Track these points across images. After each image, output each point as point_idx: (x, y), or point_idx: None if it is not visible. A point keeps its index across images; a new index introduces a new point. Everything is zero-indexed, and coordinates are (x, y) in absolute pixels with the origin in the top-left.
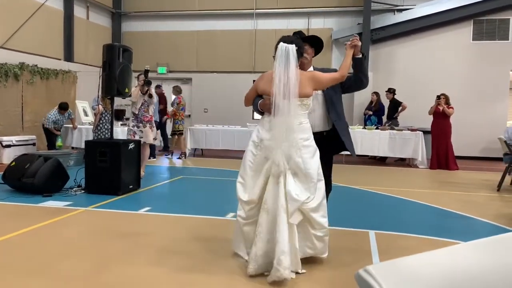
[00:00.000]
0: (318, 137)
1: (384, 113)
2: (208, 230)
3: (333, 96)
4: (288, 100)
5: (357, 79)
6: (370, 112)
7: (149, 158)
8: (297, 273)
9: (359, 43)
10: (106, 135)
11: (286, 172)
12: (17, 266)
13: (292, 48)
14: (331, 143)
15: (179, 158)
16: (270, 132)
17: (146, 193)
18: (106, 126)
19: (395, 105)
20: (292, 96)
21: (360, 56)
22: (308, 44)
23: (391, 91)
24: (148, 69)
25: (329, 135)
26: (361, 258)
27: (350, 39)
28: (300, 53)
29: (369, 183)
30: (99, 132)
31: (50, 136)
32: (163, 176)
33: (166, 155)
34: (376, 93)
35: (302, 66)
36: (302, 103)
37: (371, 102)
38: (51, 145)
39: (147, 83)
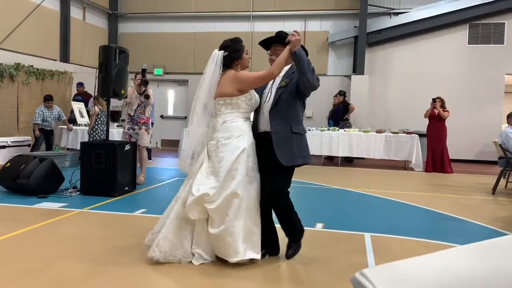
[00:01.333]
0: (263, 137)
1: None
2: None
3: (283, 97)
4: (200, 101)
5: (299, 79)
6: (328, 115)
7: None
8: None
9: (294, 38)
10: (102, 137)
11: (197, 169)
12: (11, 268)
13: (219, 54)
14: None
15: None
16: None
17: (142, 194)
18: (101, 128)
19: (345, 107)
20: (206, 97)
21: (295, 51)
22: (279, 44)
23: (342, 93)
24: (146, 68)
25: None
26: (356, 261)
27: (289, 34)
28: (231, 57)
29: (364, 186)
30: (94, 134)
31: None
32: (159, 177)
33: None
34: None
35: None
36: (226, 102)
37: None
38: (46, 145)
39: (144, 83)
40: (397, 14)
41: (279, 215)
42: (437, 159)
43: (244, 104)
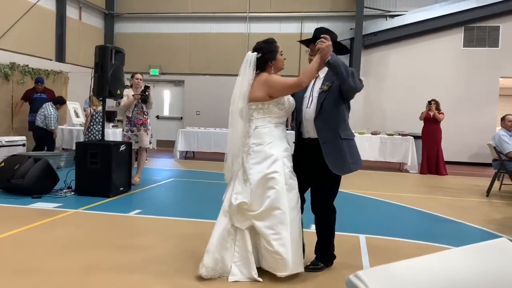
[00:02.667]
0: (308, 143)
1: None
2: (198, 233)
3: (327, 102)
4: (236, 105)
5: (341, 85)
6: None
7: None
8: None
9: (324, 45)
10: (97, 137)
11: (236, 176)
12: (4, 268)
13: (252, 56)
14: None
15: None
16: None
17: (137, 195)
18: (97, 128)
19: None
20: (239, 100)
21: (329, 60)
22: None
23: None
24: (149, 85)
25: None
26: (351, 263)
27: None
28: (264, 59)
29: (360, 188)
30: (89, 134)
31: (48, 136)
32: (154, 178)
33: None
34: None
35: None
36: (258, 107)
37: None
38: (50, 147)
39: (143, 101)
40: (393, 16)
41: (322, 232)
42: (432, 161)
43: (276, 109)
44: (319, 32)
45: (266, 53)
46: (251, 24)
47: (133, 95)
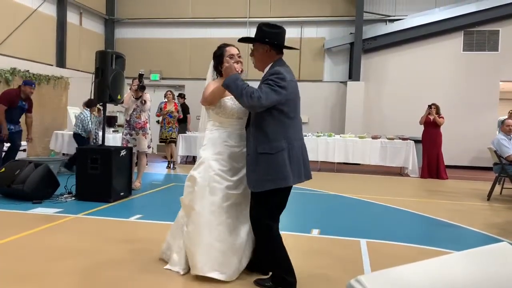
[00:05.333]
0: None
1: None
2: None
3: (252, 113)
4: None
5: None
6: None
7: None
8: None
9: (225, 67)
10: (96, 142)
11: None
12: (5, 273)
13: (211, 62)
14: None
15: (168, 167)
16: None
17: (138, 200)
18: (95, 132)
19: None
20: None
21: (224, 82)
22: (255, 44)
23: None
24: (143, 73)
25: None
26: (352, 267)
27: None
28: (216, 64)
29: (360, 192)
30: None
31: (85, 142)
32: (155, 183)
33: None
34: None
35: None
36: (206, 111)
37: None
38: None
39: (141, 88)
40: (392, 21)
41: (263, 251)
42: (433, 165)
43: (214, 114)
44: (242, 40)
45: (215, 58)
46: (251, 28)
47: (130, 88)
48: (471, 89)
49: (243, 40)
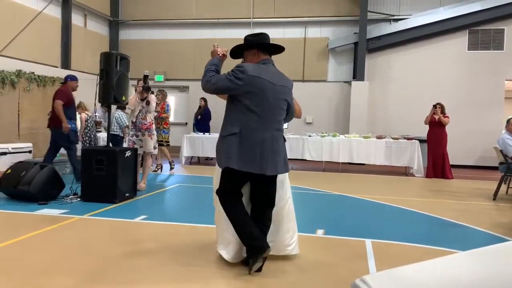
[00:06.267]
0: None
1: (211, 118)
2: (204, 238)
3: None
4: None
5: None
6: (199, 117)
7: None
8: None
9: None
10: (92, 142)
11: None
12: (11, 274)
13: None
14: None
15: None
16: None
17: (143, 201)
18: (93, 133)
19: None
20: None
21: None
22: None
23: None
24: (147, 74)
25: None
26: (357, 267)
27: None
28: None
29: (365, 192)
30: (87, 139)
31: (120, 141)
32: (160, 184)
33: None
34: (204, 99)
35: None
36: None
37: (200, 107)
38: None
39: (146, 89)
40: (397, 20)
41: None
42: (438, 165)
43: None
44: (234, 56)
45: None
46: (255, 29)
47: (135, 90)
48: (476, 88)
49: (235, 56)
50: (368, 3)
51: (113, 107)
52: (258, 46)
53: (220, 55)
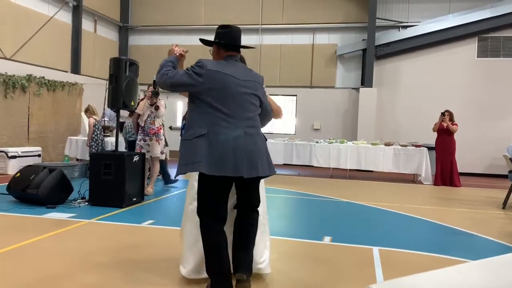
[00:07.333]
0: None
1: None
2: None
3: None
4: None
5: None
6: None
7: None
8: None
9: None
10: (100, 146)
11: None
12: (19, 278)
13: None
14: None
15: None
16: None
17: (150, 205)
18: (100, 138)
19: None
20: None
21: None
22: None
23: None
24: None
25: None
26: (364, 275)
27: None
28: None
29: (373, 199)
30: (95, 144)
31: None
32: (167, 188)
33: None
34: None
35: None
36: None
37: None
38: None
39: (155, 94)
40: (405, 27)
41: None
42: (446, 173)
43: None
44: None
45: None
46: (263, 35)
47: (144, 95)
48: (486, 95)
49: (204, 42)
50: (377, 9)
51: (126, 113)
52: (218, 44)
53: (177, 54)
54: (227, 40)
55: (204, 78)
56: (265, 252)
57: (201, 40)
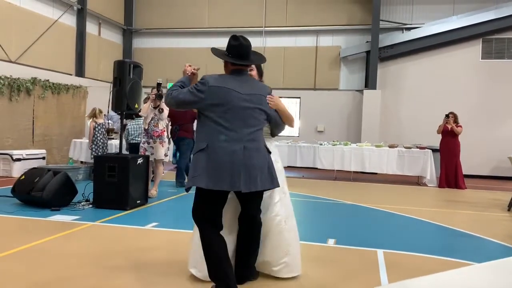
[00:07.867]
0: None
1: None
2: None
3: None
4: None
5: None
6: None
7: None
8: None
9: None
10: (100, 150)
11: None
12: (23, 280)
13: None
14: None
15: None
16: None
17: (154, 208)
18: (102, 141)
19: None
20: None
21: None
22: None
23: None
24: (160, 82)
25: None
26: (369, 278)
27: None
28: None
29: (378, 201)
30: (96, 147)
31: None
32: (171, 191)
33: None
34: None
35: None
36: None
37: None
38: None
39: (159, 97)
40: (409, 29)
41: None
42: (451, 175)
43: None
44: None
45: None
46: (267, 38)
47: (148, 96)
48: (490, 97)
49: (214, 53)
50: (381, 11)
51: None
52: (224, 59)
53: (189, 73)
54: (233, 55)
55: (206, 94)
56: (283, 258)
57: (212, 50)
